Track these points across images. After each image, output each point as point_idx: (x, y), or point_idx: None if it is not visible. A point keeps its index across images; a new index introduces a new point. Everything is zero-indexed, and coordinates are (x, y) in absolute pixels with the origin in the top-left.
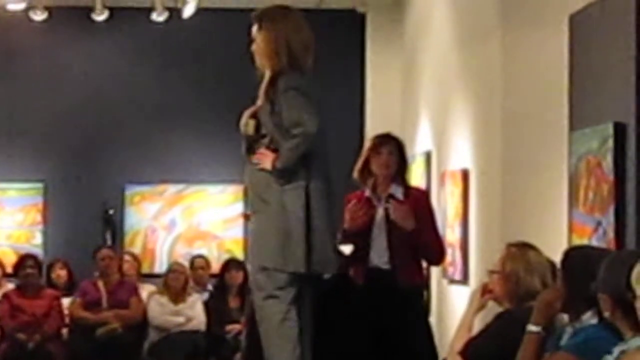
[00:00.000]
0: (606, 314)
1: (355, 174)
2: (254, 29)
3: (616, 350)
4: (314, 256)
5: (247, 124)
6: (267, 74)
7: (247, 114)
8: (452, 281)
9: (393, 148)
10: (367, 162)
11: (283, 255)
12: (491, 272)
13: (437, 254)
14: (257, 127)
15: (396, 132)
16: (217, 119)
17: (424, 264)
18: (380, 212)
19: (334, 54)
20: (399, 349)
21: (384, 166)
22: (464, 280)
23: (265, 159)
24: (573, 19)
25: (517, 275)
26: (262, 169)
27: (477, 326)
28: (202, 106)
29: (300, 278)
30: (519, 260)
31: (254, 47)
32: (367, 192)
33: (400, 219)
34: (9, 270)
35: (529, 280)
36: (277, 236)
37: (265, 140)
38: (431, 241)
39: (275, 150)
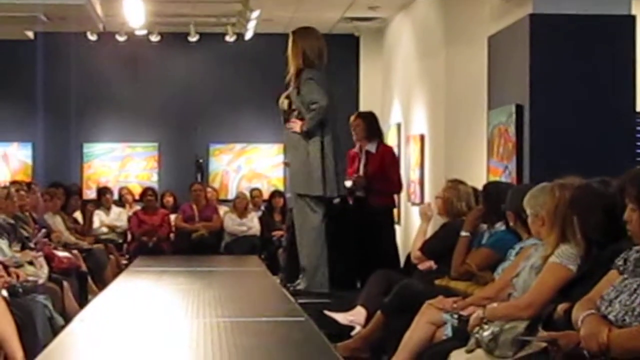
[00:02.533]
0: (511, 224)
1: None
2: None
3: (517, 247)
4: (326, 184)
5: (282, 102)
6: (292, 70)
7: (283, 95)
8: (414, 203)
9: (360, 121)
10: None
11: (307, 185)
12: (437, 197)
13: (395, 188)
14: (290, 105)
15: (377, 111)
16: (266, 102)
17: None
18: (362, 162)
19: (339, 62)
20: (374, 248)
21: (354, 132)
22: (421, 202)
23: (296, 125)
24: (490, 39)
25: (451, 201)
26: (294, 132)
27: (429, 232)
28: (256, 94)
29: (317, 199)
30: (453, 191)
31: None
32: (356, 148)
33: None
34: (137, 197)
35: (458, 205)
36: (304, 172)
37: (295, 113)
38: (391, 180)
39: (301, 119)
